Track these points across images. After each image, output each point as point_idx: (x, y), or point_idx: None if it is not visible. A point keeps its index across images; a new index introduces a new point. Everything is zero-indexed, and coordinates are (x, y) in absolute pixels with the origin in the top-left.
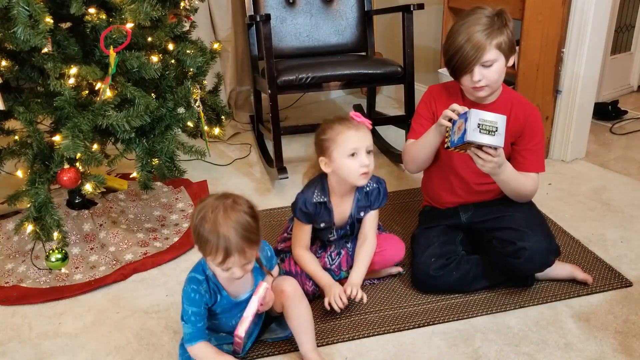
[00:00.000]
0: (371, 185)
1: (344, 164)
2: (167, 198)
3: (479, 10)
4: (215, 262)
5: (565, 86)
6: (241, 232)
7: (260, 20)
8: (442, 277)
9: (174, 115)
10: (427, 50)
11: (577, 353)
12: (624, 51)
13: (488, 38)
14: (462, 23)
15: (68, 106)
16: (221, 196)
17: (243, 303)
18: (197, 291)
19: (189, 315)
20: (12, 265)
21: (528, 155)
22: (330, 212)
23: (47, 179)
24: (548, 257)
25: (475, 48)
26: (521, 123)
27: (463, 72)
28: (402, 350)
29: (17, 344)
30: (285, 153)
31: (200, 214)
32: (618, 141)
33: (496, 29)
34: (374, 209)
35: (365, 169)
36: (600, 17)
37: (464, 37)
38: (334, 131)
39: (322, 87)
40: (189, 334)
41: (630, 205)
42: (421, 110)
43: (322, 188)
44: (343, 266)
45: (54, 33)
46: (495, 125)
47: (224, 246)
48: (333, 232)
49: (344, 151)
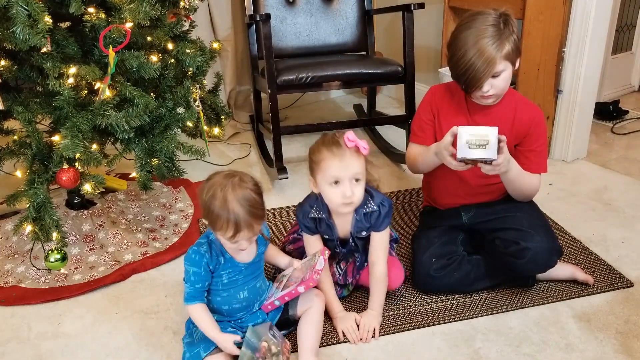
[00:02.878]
0: (371, 207)
1: (325, 191)
2: (167, 198)
3: (483, 15)
4: (226, 237)
5: (566, 86)
6: (249, 209)
7: (260, 20)
8: (442, 277)
9: (174, 115)
10: (427, 50)
11: (578, 354)
12: (625, 51)
13: (497, 50)
14: (468, 33)
15: (67, 106)
16: (228, 174)
17: (249, 269)
18: (197, 252)
19: (189, 275)
20: (11, 265)
21: (532, 157)
22: (331, 227)
23: (46, 179)
24: (551, 258)
25: (487, 63)
26: (525, 125)
27: (474, 88)
28: (402, 351)
29: (16, 345)
30: (285, 153)
31: (210, 192)
32: (619, 141)
33: (505, 38)
34: (376, 230)
35: (346, 199)
36: (601, 17)
37: (474, 52)
38: (320, 155)
39: (322, 86)
40: (187, 293)
41: (631, 205)
42: (422, 112)
43: (320, 204)
44: (349, 276)
45: (53, 32)
46: (485, 138)
47: (234, 222)
48: (338, 248)
49: (325, 178)
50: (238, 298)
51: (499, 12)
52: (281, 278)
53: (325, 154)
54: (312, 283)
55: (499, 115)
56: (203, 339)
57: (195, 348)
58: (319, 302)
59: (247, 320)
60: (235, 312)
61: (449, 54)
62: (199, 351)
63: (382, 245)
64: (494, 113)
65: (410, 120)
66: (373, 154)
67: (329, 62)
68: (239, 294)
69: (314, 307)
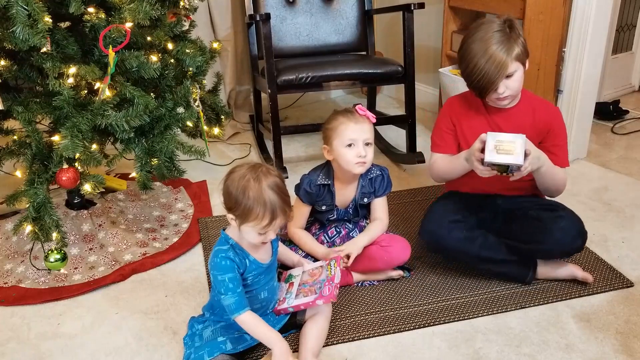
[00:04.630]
0: (375, 172)
1: (342, 152)
2: (167, 198)
3: (488, 24)
4: (260, 226)
5: (566, 86)
6: (282, 195)
7: (260, 20)
8: (452, 230)
9: (174, 115)
10: (427, 50)
11: (578, 354)
12: (625, 51)
13: (507, 54)
14: (473, 40)
15: (67, 106)
16: (253, 166)
17: (270, 268)
18: (226, 257)
19: (227, 283)
20: (11, 265)
21: (557, 151)
22: (333, 195)
23: (46, 179)
24: (579, 236)
25: (498, 67)
26: (546, 123)
27: (489, 91)
28: (402, 351)
29: (16, 345)
30: (285, 153)
31: (241, 184)
32: (619, 141)
33: (513, 41)
34: (378, 196)
35: (361, 159)
36: (601, 17)
37: (484, 57)
38: (337, 121)
39: (322, 86)
40: (233, 303)
41: (631, 205)
42: (442, 124)
43: (327, 172)
44: (337, 243)
45: (53, 32)
46: (513, 144)
47: (270, 210)
48: (334, 213)
49: (342, 141)
50: (259, 298)
51: (503, 19)
52: (290, 278)
53: (342, 119)
54: (332, 299)
55: (518, 115)
56: (208, 342)
57: (200, 351)
58: (327, 309)
59: None
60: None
61: (461, 67)
62: (202, 354)
63: (383, 207)
64: (513, 114)
65: (410, 120)
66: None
67: (329, 62)
68: (260, 295)
69: (322, 313)
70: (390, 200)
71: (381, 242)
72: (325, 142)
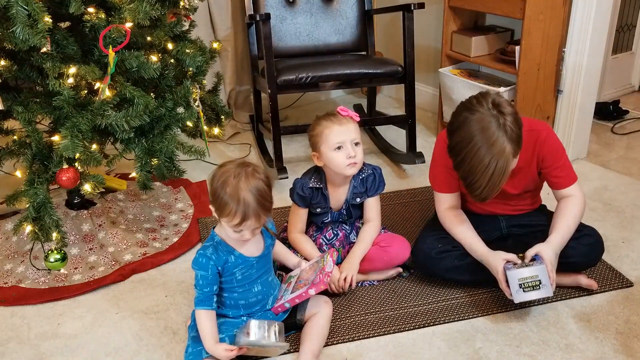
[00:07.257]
0: (366, 172)
1: (331, 157)
2: (167, 198)
3: (478, 121)
4: (232, 224)
5: (566, 86)
6: (259, 199)
7: (260, 20)
8: (442, 260)
9: (174, 115)
10: (427, 50)
11: (578, 354)
12: (625, 51)
13: (507, 163)
14: (472, 146)
15: (67, 106)
16: (242, 164)
17: (260, 262)
18: (204, 255)
19: (198, 279)
20: (10, 265)
21: (559, 173)
22: (327, 198)
23: (46, 179)
24: (602, 249)
25: (502, 177)
26: (534, 150)
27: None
28: (402, 351)
29: (16, 345)
30: (285, 153)
31: (222, 178)
32: (619, 141)
33: (508, 140)
34: (371, 196)
35: (351, 160)
36: (601, 17)
37: (484, 176)
38: (321, 126)
39: (322, 86)
40: (196, 297)
41: (631, 205)
42: (438, 157)
43: (318, 176)
44: (336, 246)
45: (53, 32)
46: (537, 278)
47: (242, 210)
48: (328, 215)
49: (330, 145)
50: (253, 292)
51: (490, 101)
52: (289, 279)
53: (325, 123)
54: (322, 286)
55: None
56: None
57: (199, 345)
58: (327, 309)
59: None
60: (252, 305)
61: (459, 169)
62: (201, 350)
63: (375, 207)
64: None
65: (410, 120)
66: (373, 153)
67: (329, 62)
68: (253, 288)
69: (322, 312)
70: (390, 200)
71: (380, 242)
72: (313, 149)
